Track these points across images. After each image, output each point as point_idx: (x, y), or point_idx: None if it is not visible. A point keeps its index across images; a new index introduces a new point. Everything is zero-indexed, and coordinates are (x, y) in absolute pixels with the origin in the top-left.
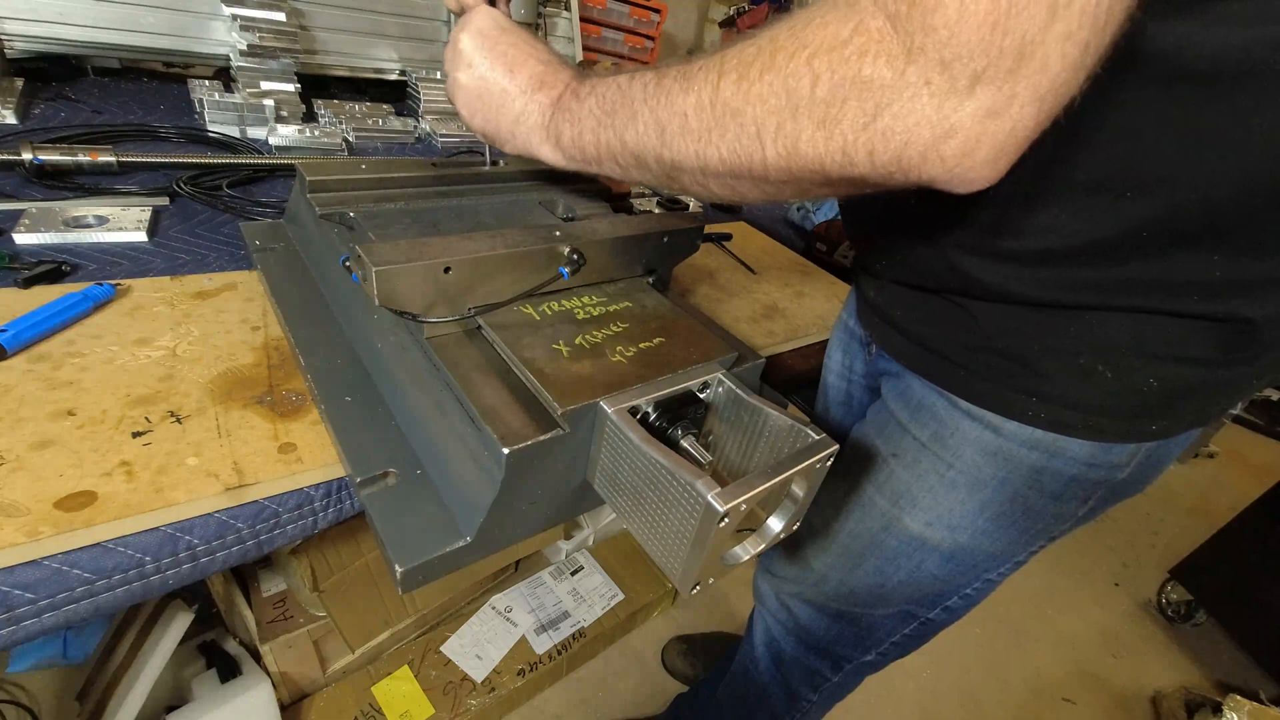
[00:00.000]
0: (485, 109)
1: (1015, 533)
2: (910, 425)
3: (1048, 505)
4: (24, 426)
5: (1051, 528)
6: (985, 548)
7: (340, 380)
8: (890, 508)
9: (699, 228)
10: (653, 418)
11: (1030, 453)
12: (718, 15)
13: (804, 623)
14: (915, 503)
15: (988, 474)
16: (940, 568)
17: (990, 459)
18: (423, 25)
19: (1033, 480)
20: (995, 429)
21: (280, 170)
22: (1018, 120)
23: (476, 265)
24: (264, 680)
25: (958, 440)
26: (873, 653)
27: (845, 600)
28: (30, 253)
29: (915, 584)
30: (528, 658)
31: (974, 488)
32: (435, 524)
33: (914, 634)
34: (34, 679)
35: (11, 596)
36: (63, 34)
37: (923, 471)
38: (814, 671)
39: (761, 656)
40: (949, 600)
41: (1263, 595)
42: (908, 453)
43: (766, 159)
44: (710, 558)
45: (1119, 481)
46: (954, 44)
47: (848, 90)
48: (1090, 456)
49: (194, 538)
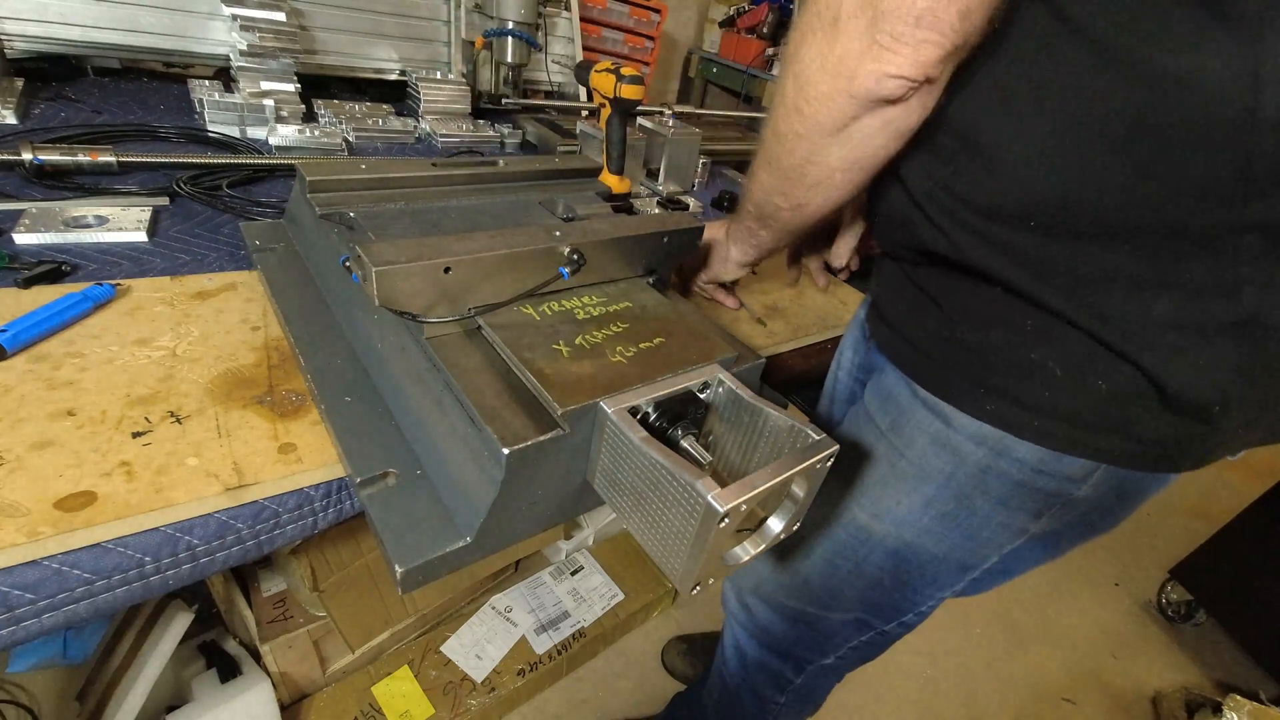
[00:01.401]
0: (719, 256)
1: (960, 537)
2: (875, 413)
3: (995, 512)
4: (24, 426)
5: (999, 540)
6: (930, 548)
7: (340, 380)
8: (842, 496)
9: (699, 228)
10: (653, 418)
11: (977, 449)
12: (718, 15)
13: (763, 623)
14: (865, 491)
15: (935, 467)
16: (885, 562)
17: (939, 451)
18: (422, 25)
19: (978, 480)
20: (947, 420)
21: (280, 170)
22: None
23: (476, 265)
24: (264, 680)
25: (911, 428)
26: (831, 656)
27: (799, 596)
28: (30, 253)
29: (864, 581)
30: (528, 658)
31: (920, 480)
32: (435, 524)
33: (871, 642)
34: (34, 679)
35: (11, 597)
36: (63, 34)
37: (877, 460)
38: (777, 673)
39: (731, 659)
40: (905, 616)
41: (1263, 595)
42: (867, 440)
43: (803, 112)
44: (710, 558)
45: (1077, 499)
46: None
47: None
48: (1039, 462)
49: (194, 538)
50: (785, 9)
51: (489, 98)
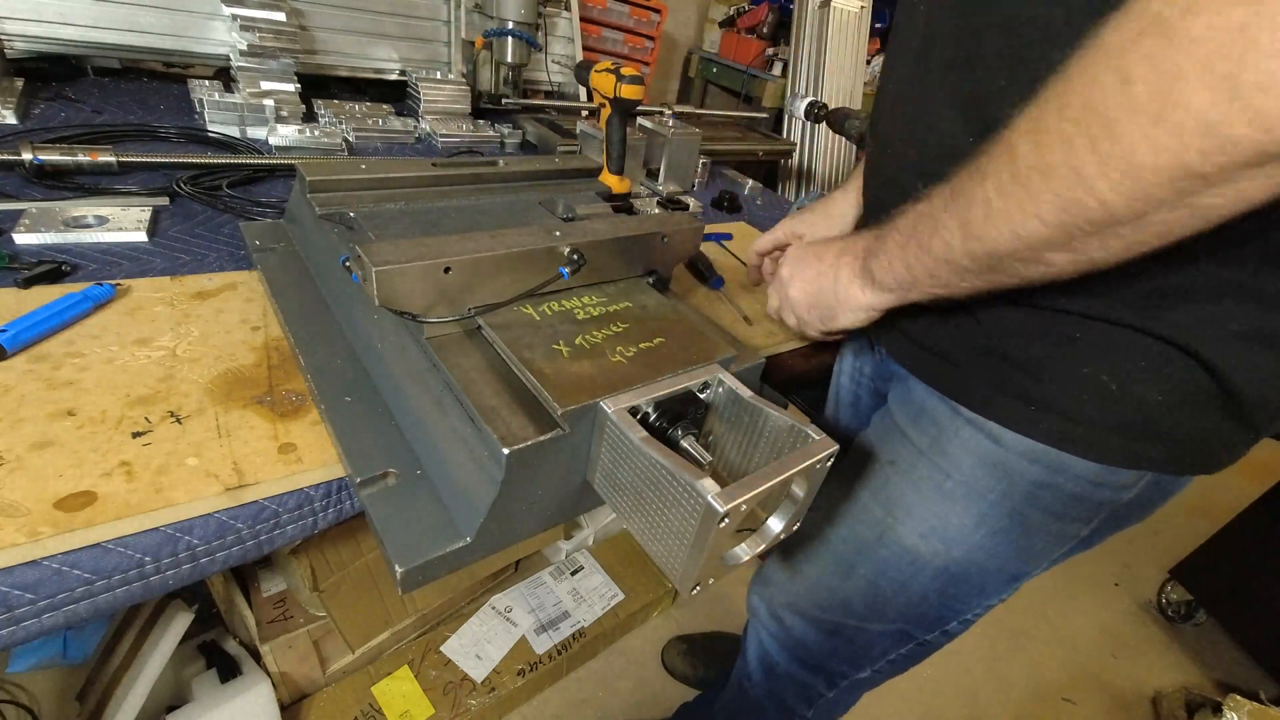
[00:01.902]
0: (814, 300)
1: (1013, 551)
2: (910, 431)
3: (1048, 524)
4: (24, 426)
5: (1051, 549)
6: (981, 563)
7: (340, 380)
8: (885, 516)
9: (699, 228)
10: (653, 418)
11: (1031, 466)
12: (718, 15)
13: (797, 636)
14: (910, 512)
15: (986, 486)
16: (933, 581)
17: (990, 470)
18: (422, 25)
19: (1033, 496)
20: (996, 439)
21: (280, 170)
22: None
23: (476, 265)
24: (264, 680)
25: (957, 449)
26: (868, 670)
27: (838, 611)
28: (30, 253)
29: (908, 598)
30: (528, 658)
31: (971, 500)
32: (435, 524)
33: (910, 654)
34: (34, 679)
35: (11, 597)
36: (63, 34)
37: (919, 480)
38: (808, 686)
39: (755, 671)
40: (948, 624)
41: (1263, 595)
42: (905, 460)
43: (1102, 197)
44: (710, 558)
45: (1123, 504)
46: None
47: (1187, 63)
48: (1096, 475)
49: (194, 538)
50: (785, 9)
51: (489, 98)
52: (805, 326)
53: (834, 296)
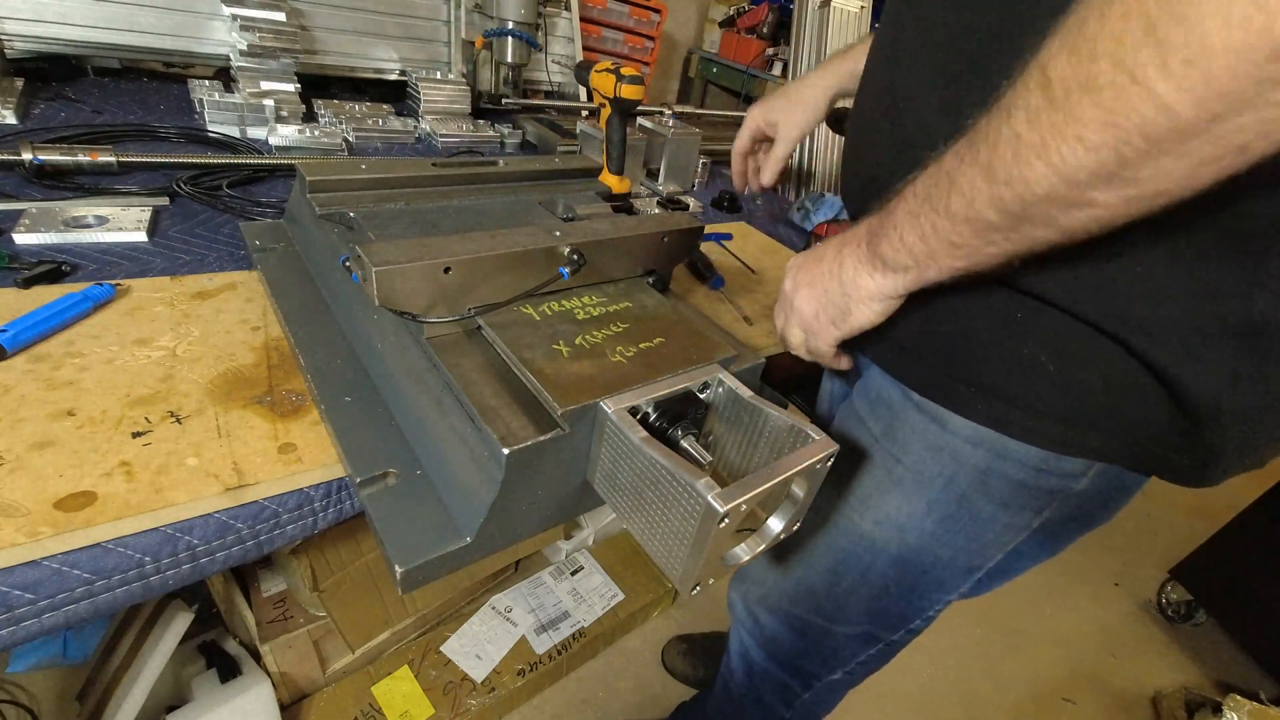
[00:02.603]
0: (822, 302)
1: (964, 539)
2: (867, 419)
3: (997, 513)
4: (24, 426)
5: (1003, 539)
6: (935, 552)
7: (340, 380)
8: (844, 505)
9: (699, 228)
10: (653, 418)
11: (975, 450)
12: (718, 15)
13: (769, 633)
14: (865, 500)
15: (934, 472)
16: (890, 569)
17: (936, 456)
18: (422, 25)
19: (979, 482)
20: (942, 423)
21: (280, 170)
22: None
23: (476, 265)
24: (264, 680)
25: (906, 434)
26: (839, 672)
27: (804, 605)
28: (30, 253)
29: (869, 589)
30: (528, 658)
31: (920, 486)
32: (435, 524)
33: (879, 654)
34: (34, 679)
35: (11, 597)
36: (63, 34)
37: (873, 467)
38: (784, 686)
39: (737, 668)
40: (912, 623)
41: (1263, 595)
42: (863, 445)
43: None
44: (710, 558)
45: (1076, 494)
46: None
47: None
48: (1040, 461)
49: (194, 538)
50: (785, 9)
51: (489, 98)
52: (817, 337)
53: (842, 292)
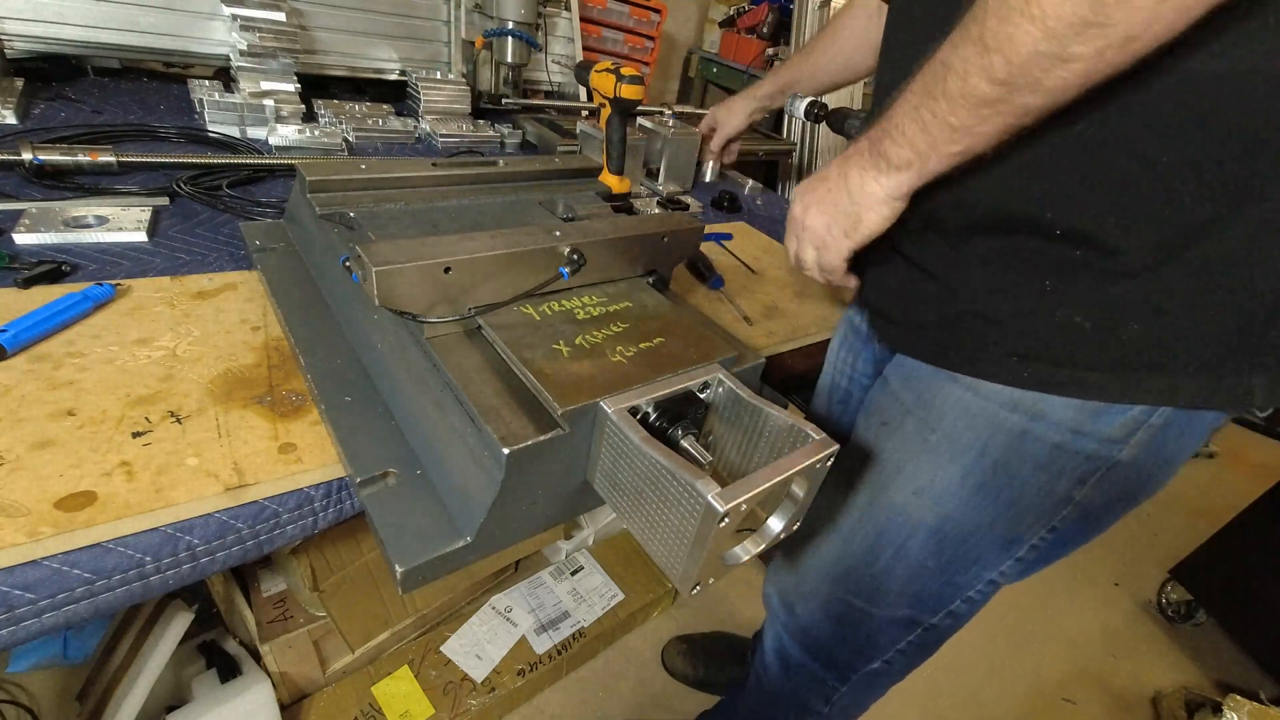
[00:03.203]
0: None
1: (1001, 506)
2: (900, 391)
3: (1033, 476)
4: (24, 426)
5: (1043, 505)
6: (972, 521)
7: (340, 380)
8: (877, 478)
9: (699, 228)
10: (653, 418)
11: (1011, 415)
12: (718, 15)
13: (805, 623)
14: (899, 470)
15: (968, 439)
16: (928, 543)
17: (971, 422)
18: (422, 25)
19: (1015, 445)
20: (976, 389)
21: (280, 170)
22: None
23: (476, 265)
24: (264, 680)
25: (940, 402)
26: (878, 661)
27: (843, 585)
28: (30, 253)
29: (907, 566)
30: (528, 658)
31: (955, 454)
32: (435, 524)
33: (919, 641)
34: (34, 679)
35: (12, 596)
36: (63, 34)
37: (907, 436)
38: (821, 681)
39: (771, 664)
40: (952, 604)
41: (1263, 595)
42: (894, 418)
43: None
44: (710, 558)
45: (1120, 466)
46: None
47: None
48: (1075, 422)
49: (194, 538)
50: (785, 9)
51: (489, 98)
52: (829, 251)
53: (850, 201)
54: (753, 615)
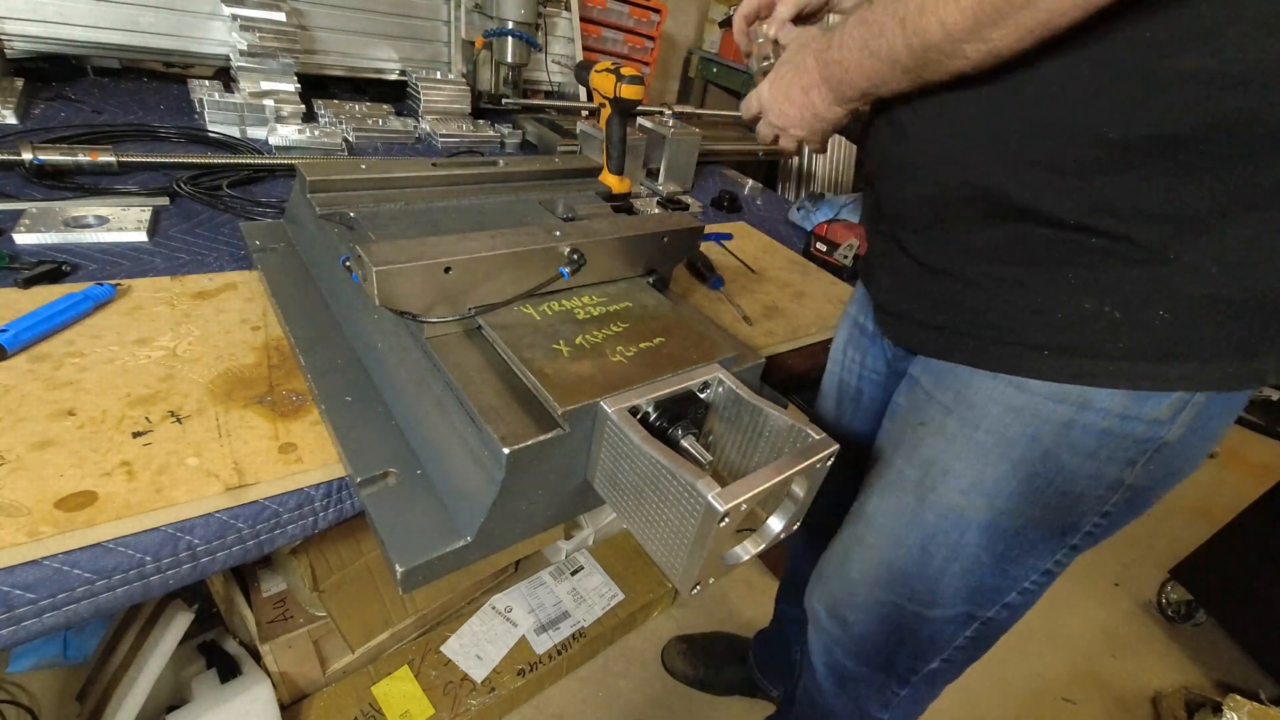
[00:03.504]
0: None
1: (1054, 496)
2: (935, 391)
3: (1085, 464)
4: (24, 426)
5: (1094, 492)
6: (1025, 513)
7: (340, 380)
8: (922, 478)
9: (699, 228)
10: (653, 418)
11: (1058, 406)
12: (717, 15)
13: (859, 633)
14: (947, 470)
15: (1016, 431)
16: (981, 538)
17: (1017, 415)
18: (422, 25)
19: (1063, 434)
20: (1018, 384)
21: (280, 170)
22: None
23: (477, 265)
24: (264, 680)
25: (982, 399)
26: (937, 660)
27: (897, 590)
28: (30, 253)
29: (962, 565)
30: (528, 658)
31: (1004, 448)
32: (435, 524)
33: (977, 636)
34: (34, 679)
35: (12, 596)
36: (63, 34)
37: (951, 436)
38: (881, 688)
39: (824, 681)
40: (1007, 596)
41: (1263, 595)
42: (934, 419)
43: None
44: (711, 557)
45: (1167, 445)
46: None
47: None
48: (1122, 407)
49: (194, 538)
50: None
51: (489, 98)
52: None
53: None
54: (753, 615)
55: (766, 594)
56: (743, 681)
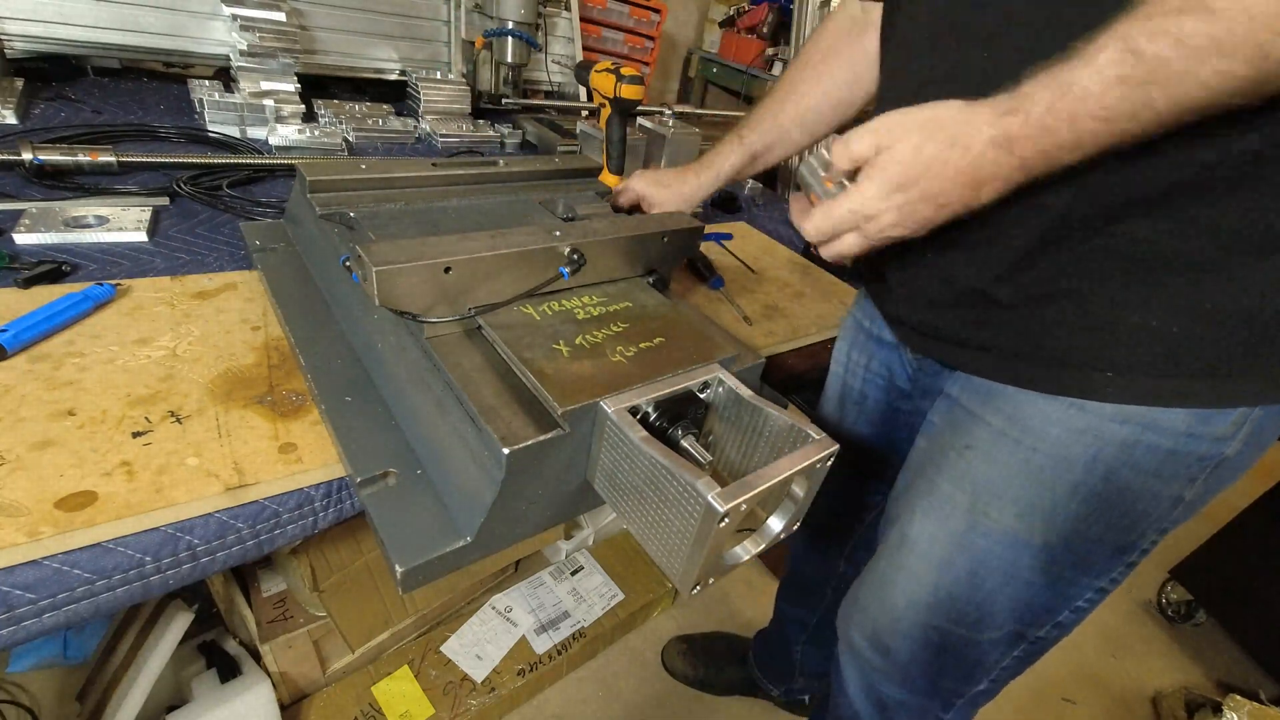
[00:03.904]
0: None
1: (1116, 515)
2: (982, 413)
3: (1148, 484)
4: (24, 426)
5: (1155, 510)
6: (1083, 534)
7: (340, 380)
8: (973, 502)
9: (699, 228)
10: (653, 418)
11: (1121, 426)
12: (718, 15)
13: (903, 660)
14: (1000, 494)
15: (1076, 454)
16: (1036, 561)
17: (1079, 437)
18: (422, 25)
19: (1126, 456)
20: (1079, 406)
21: (280, 170)
22: None
23: (477, 265)
24: (264, 680)
25: (1038, 422)
26: (984, 681)
27: (944, 614)
28: (30, 253)
29: (1015, 587)
30: (528, 658)
31: (1063, 470)
32: (435, 524)
33: (1024, 655)
34: (34, 679)
35: (12, 596)
36: (63, 34)
37: (1003, 458)
38: (924, 712)
39: (863, 709)
40: (1059, 615)
41: (1263, 595)
42: (983, 442)
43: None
44: (711, 557)
45: (1229, 460)
46: None
47: None
48: (1188, 426)
49: (194, 538)
50: (785, 9)
51: (489, 98)
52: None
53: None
54: (753, 615)
55: (766, 594)
56: (743, 681)
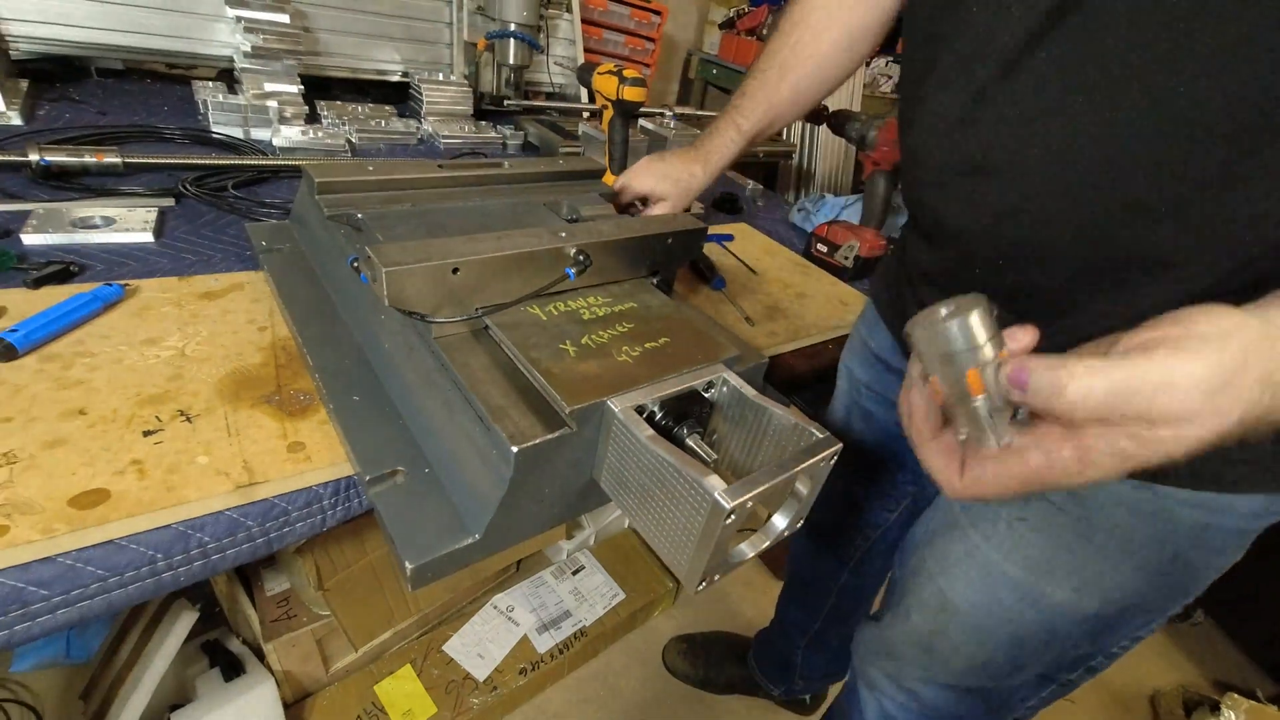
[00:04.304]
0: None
1: (1173, 587)
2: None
3: (1211, 559)
4: (36, 425)
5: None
6: (1137, 604)
7: (348, 380)
8: (1027, 577)
9: (702, 229)
10: (658, 416)
11: (1193, 511)
12: (718, 17)
13: (930, 703)
14: (1055, 570)
15: (1144, 535)
16: (1082, 627)
17: (1147, 520)
18: (425, 27)
19: (1195, 537)
20: (1148, 488)
21: (284, 171)
22: None
23: (484, 266)
24: (267, 679)
25: (1103, 500)
26: (1009, 718)
27: (977, 675)
28: (38, 253)
29: (1059, 649)
30: (529, 657)
31: (1128, 551)
32: (443, 522)
33: (1051, 695)
34: (38, 678)
35: (26, 593)
36: (67, 35)
37: (1061, 536)
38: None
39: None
40: (1094, 660)
41: (1261, 595)
42: (1038, 515)
43: None
44: (717, 554)
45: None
46: None
47: None
48: (1263, 508)
49: (205, 535)
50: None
51: (491, 99)
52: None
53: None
54: (753, 615)
55: (766, 594)
56: (743, 681)
